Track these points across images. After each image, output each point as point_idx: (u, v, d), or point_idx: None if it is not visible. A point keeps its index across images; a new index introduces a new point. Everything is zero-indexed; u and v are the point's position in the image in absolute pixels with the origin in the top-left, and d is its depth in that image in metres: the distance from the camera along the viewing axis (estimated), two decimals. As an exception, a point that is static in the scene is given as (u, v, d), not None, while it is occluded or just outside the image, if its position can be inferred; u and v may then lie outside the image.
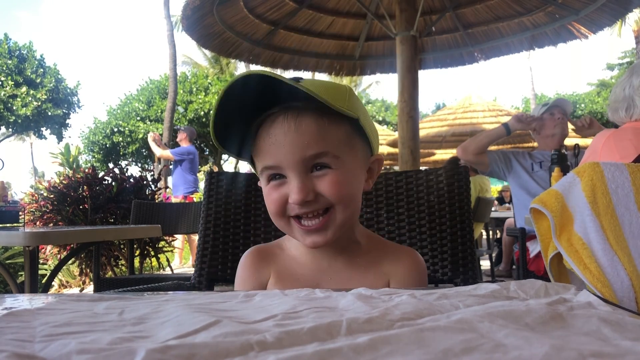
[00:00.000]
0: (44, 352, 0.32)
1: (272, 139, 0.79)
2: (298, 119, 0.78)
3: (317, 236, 0.81)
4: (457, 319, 0.38)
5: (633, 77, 1.98)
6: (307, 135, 0.78)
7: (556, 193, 1.26)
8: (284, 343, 0.33)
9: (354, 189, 0.83)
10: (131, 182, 5.08)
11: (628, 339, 0.34)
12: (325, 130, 0.79)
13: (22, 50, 20.69)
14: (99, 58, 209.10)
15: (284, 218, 0.83)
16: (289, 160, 0.78)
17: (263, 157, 0.81)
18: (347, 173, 0.81)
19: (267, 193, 0.83)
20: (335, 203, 0.80)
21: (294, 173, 0.78)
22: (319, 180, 0.79)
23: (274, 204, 0.82)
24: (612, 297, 1.09)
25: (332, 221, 0.81)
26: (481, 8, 5.58)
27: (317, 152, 0.78)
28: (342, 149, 0.80)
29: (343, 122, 0.81)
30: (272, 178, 0.82)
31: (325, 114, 0.78)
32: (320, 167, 0.79)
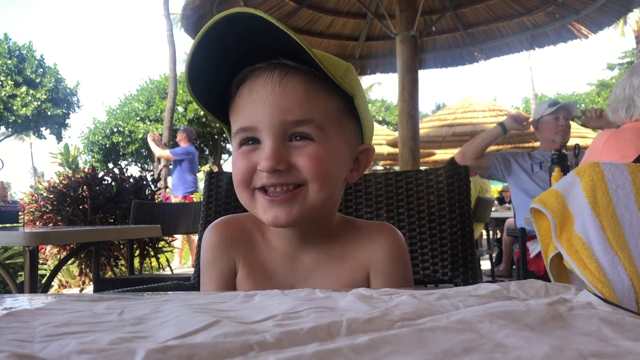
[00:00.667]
0: (43, 352, 0.32)
1: (253, 96, 0.70)
2: (285, 77, 0.70)
3: (280, 210, 0.71)
4: (457, 319, 0.38)
5: (633, 77, 1.98)
6: (292, 97, 0.69)
7: (556, 193, 1.26)
8: (283, 343, 0.33)
9: (334, 170, 0.74)
10: (131, 182, 5.08)
11: (628, 339, 0.34)
12: (314, 96, 0.70)
13: (22, 50, 20.70)
14: (98, 58, 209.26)
15: (248, 189, 0.73)
16: (267, 122, 0.69)
17: (239, 117, 0.73)
18: (330, 150, 0.72)
19: (236, 159, 0.74)
20: (309, 180, 0.70)
21: (269, 137, 0.69)
22: (297, 151, 0.70)
23: (240, 171, 0.72)
24: (612, 297, 1.09)
25: (301, 198, 0.71)
26: (481, 8, 5.58)
27: (300, 118, 0.69)
28: (329, 122, 0.72)
29: (335, 96, 0.73)
30: (245, 142, 0.73)
31: (317, 79, 0.70)
32: (300, 138, 0.70)
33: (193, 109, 19.95)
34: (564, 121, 3.17)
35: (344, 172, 0.77)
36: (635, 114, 1.94)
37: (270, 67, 0.71)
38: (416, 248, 1.23)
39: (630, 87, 1.96)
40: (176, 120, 18.51)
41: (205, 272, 0.84)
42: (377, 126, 13.54)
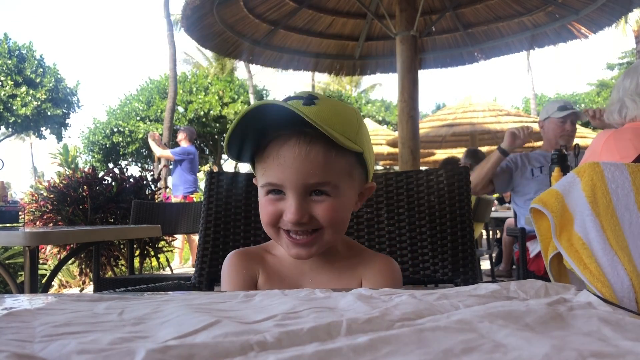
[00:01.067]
0: (43, 352, 0.32)
1: (281, 160, 0.83)
2: (309, 146, 0.83)
3: (302, 249, 0.87)
4: (457, 319, 0.38)
5: (625, 79, 2.00)
6: (314, 164, 0.82)
7: (556, 193, 1.26)
8: (283, 343, 0.33)
9: (346, 215, 0.90)
10: (131, 182, 5.08)
11: (628, 339, 0.34)
12: (332, 161, 0.84)
13: (22, 50, 20.70)
14: (98, 58, 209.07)
15: (274, 228, 0.88)
16: (292, 183, 0.83)
17: (268, 174, 0.86)
18: (343, 201, 0.87)
19: (264, 204, 0.88)
20: (325, 226, 0.86)
21: (294, 194, 0.84)
22: (316, 205, 0.85)
23: (269, 216, 0.87)
24: (612, 297, 1.09)
25: (319, 240, 0.87)
26: (481, 8, 5.58)
27: (320, 181, 0.83)
28: (342, 178, 0.86)
29: (348, 154, 0.86)
30: (271, 192, 0.87)
31: (334, 144, 0.82)
32: (319, 193, 0.85)
33: (193, 109, 19.96)
34: (570, 126, 3.17)
35: (351, 210, 0.92)
36: (628, 115, 1.96)
37: (295, 134, 0.83)
38: (416, 248, 1.23)
39: (622, 89, 1.98)
40: (176, 120, 18.53)
41: (227, 281, 0.98)
42: (377, 126, 13.55)
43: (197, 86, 20.76)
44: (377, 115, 27.48)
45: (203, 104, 20.01)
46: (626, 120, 1.98)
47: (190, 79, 21.37)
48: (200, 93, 20.49)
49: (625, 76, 2.03)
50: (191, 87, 20.72)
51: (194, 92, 20.59)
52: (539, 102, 30.53)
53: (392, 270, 0.97)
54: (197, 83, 20.96)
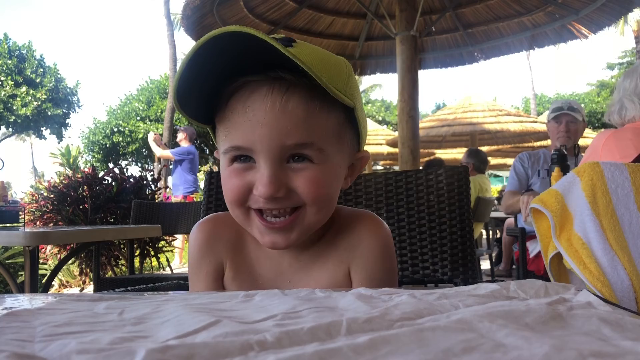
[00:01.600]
0: (44, 352, 0.32)
1: (249, 115, 0.65)
2: (285, 96, 0.64)
3: (278, 236, 0.70)
4: (457, 318, 0.38)
5: (625, 80, 2.02)
6: (292, 119, 0.64)
7: (556, 193, 1.26)
8: (283, 343, 0.33)
9: (333, 190, 0.72)
10: (131, 182, 5.08)
11: (628, 339, 0.34)
12: (315, 116, 0.66)
13: (22, 50, 20.70)
14: (98, 58, 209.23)
15: (242, 207, 0.70)
16: (264, 145, 0.65)
17: (232, 135, 0.67)
18: (330, 170, 0.70)
19: (228, 176, 0.69)
20: (308, 203, 0.68)
21: (266, 161, 0.65)
22: (296, 175, 0.67)
23: (234, 192, 0.69)
24: (612, 296, 1.09)
25: (299, 222, 0.69)
26: (481, 8, 5.58)
27: (301, 141, 0.65)
28: (329, 140, 0.69)
29: (336, 109, 0.69)
30: (237, 159, 0.69)
31: (318, 94, 0.65)
32: (299, 159, 0.67)
33: (193, 108, 19.90)
34: (564, 126, 3.17)
35: (340, 185, 0.75)
36: (627, 115, 1.97)
37: (268, 81, 0.65)
38: (416, 248, 1.23)
39: (622, 90, 2.00)
40: (176, 120, 18.51)
41: (193, 272, 0.82)
42: (377, 126, 13.54)
43: (197, 86, 20.73)
44: (377, 115, 27.49)
45: (203, 104, 19.98)
46: (626, 120, 1.99)
47: (190, 79, 21.35)
48: (200, 93, 20.47)
49: (625, 77, 2.05)
50: (191, 87, 20.70)
51: (194, 92, 20.57)
52: (539, 102, 30.53)
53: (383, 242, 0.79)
54: (197, 83, 20.93)
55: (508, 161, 13.20)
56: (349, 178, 0.78)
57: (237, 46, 0.62)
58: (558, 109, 3.23)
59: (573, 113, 3.19)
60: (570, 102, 3.31)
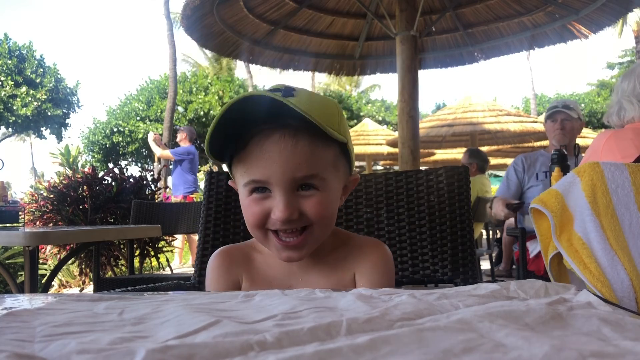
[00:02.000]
0: (43, 352, 0.32)
1: (266, 155, 0.79)
2: (295, 138, 0.79)
3: (293, 252, 0.84)
4: (457, 319, 0.38)
5: (623, 82, 2.03)
6: (301, 156, 0.79)
7: (556, 193, 1.26)
8: (283, 343, 0.33)
9: (334, 209, 0.87)
10: (131, 182, 5.08)
11: (628, 339, 0.34)
12: (318, 152, 0.81)
13: (22, 50, 20.70)
14: (98, 58, 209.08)
15: (262, 230, 0.84)
16: (279, 178, 0.79)
17: (251, 171, 0.81)
18: (330, 195, 0.84)
19: (248, 205, 0.84)
20: (315, 222, 0.82)
21: (281, 190, 0.80)
22: (305, 200, 0.81)
23: (255, 217, 0.83)
24: (612, 297, 1.09)
25: (309, 239, 0.84)
26: (481, 8, 5.58)
27: (308, 174, 0.80)
28: (329, 170, 0.83)
29: (332, 145, 0.83)
30: (255, 190, 0.83)
31: (319, 135, 0.79)
32: (306, 187, 0.81)
33: (193, 109, 19.95)
34: (559, 124, 3.17)
35: (338, 204, 0.89)
36: (626, 116, 1.98)
37: (279, 128, 0.80)
38: (416, 248, 1.23)
39: (620, 91, 2.01)
40: (176, 120, 18.53)
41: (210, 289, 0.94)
42: (377, 126, 13.53)
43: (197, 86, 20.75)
44: (377, 115, 27.48)
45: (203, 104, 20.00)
46: (625, 121, 1.99)
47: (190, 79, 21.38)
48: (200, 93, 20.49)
49: (623, 79, 2.05)
50: (191, 87, 20.71)
51: (194, 92, 20.59)
52: (539, 102, 30.52)
53: (385, 260, 0.94)
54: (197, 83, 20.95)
55: (508, 161, 13.18)
56: (343, 197, 0.92)
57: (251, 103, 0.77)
58: (553, 108, 3.25)
59: (568, 111, 3.20)
60: (565, 101, 3.32)
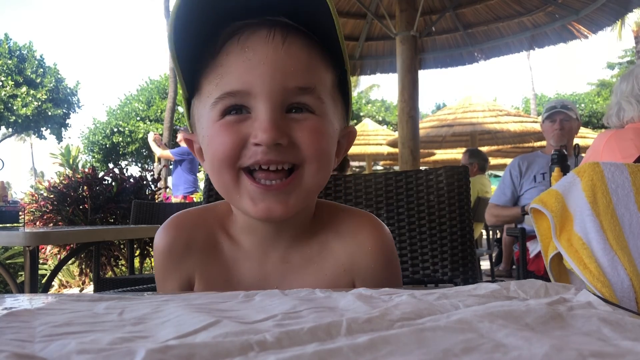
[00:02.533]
0: (43, 352, 0.32)
1: (248, 54, 0.59)
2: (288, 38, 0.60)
3: (274, 201, 0.61)
4: (457, 319, 0.38)
5: (622, 83, 2.04)
6: (295, 61, 0.59)
7: (556, 193, 1.26)
8: (283, 343, 0.33)
9: (331, 149, 0.65)
10: (131, 182, 5.08)
11: (628, 339, 0.34)
12: (316, 64, 0.62)
13: (22, 50, 20.71)
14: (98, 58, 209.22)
15: (232, 170, 0.61)
16: (265, 85, 0.58)
17: (226, 79, 0.60)
18: (328, 125, 0.64)
19: (217, 131, 0.61)
20: (308, 160, 0.61)
21: (267, 104, 0.58)
22: (297, 125, 0.60)
23: (226, 147, 0.60)
24: (612, 297, 1.09)
25: (298, 184, 0.62)
26: (481, 8, 5.58)
27: (304, 85, 0.60)
28: (327, 93, 0.64)
29: (331, 68, 0.65)
30: (228, 111, 0.61)
31: (316, 47, 0.62)
32: (299, 110, 0.61)
33: (193, 109, 19.92)
34: (558, 125, 3.17)
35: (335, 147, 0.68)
36: (625, 117, 1.99)
37: (267, 24, 0.60)
38: (416, 248, 1.23)
39: (620, 93, 2.02)
40: (176, 120, 18.52)
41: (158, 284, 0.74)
42: (377, 126, 13.55)
43: (197, 86, 20.75)
44: (377, 115, 27.49)
45: (203, 104, 19.99)
46: (624, 122, 2.00)
47: (190, 79, 21.37)
48: (200, 93, 20.49)
49: (622, 80, 2.06)
50: (191, 87, 20.71)
51: (194, 92, 20.59)
52: (539, 102, 30.53)
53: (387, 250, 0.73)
54: (197, 83, 20.95)
55: (508, 161, 13.17)
56: (335, 157, 0.69)
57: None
58: (551, 108, 3.25)
59: (566, 111, 3.20)
60: (563, 101, 3.31)
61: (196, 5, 0.58)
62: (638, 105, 1.94)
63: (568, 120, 3.18)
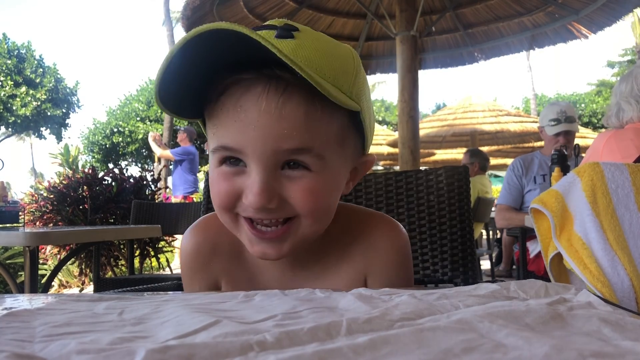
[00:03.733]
0: (43, 352, 0.32)
1: (241, 115, 0.58)
2: (283, 97, 0.57)
3: (269, 246, 0.63)
4: (457, 319, 0.38)
5: (622, 84, 2.04)
6: (289, 123, 0.57)
7: (556, 193, 1.26)
8: (283, 343, 0.33)
9: (332, 200, 0.66)
10: (131, 182, 5.08)
11: (628, 339, 0.34)
12: (316, 120, 0.59)
13: (21, 50, 20.71)
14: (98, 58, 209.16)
15: (230, 213, 0.64)
16: (257, 149, 0.58)
17: (221, 133, 0.60)
18: (329, 179, 0.63)
19: (216, 179, 0.63)
20: (302, 215, 0.62)
21: (258, 166, 0.59)
22: (290, 183, 0.60)
23: (222, 198, 0.62)
24: (612, 297, 1.09)
25: (292, 233, 0.63)
26: (481, 8, 5.58)
27: (298, 147, 0.59)
28: (330, 146, 0.62)
29: (339, 112, 0.61)
30: (226, 161, 0.62)
31: (320, 96, 0.57)
32: (295, 165, 0.60)
33: (193, 109, 19.90)
34: (563, 139, 3.12)
35: (340, 193, 0.68)
36: (625, 117, 1.99)
37: (263, 79, 0.58)
38: (416, 248, 1.23)
39: (619, 93, 2.02)
40: (176, 120, 18.53)
41: (185, 285, 0.76)
42: (377, 126, 13.55)
43: (197, 86, 20.74)
44: (377, 115, 27.52)
45: (203, 104, 19.99)
46: (624, 122, 2.00)
47: (190, 79, 21.36)
48: (200, 93, 20.48)
49: (621, 81, 2.07)
50: (191, 87, 20.70)
51: (194, 92, 20.58)
52: (539, 102, 30.53)
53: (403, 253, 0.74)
54: (197, 83, 20.94)
55: (508, 161, 13.19)
56: (350, 182, 0.71)
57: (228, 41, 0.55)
58: (557, 121, 3.15)
59: (572, 126, 3.14)
60: (566, 110, 3.18)
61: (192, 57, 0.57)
62: (637, 105, 1.94)
63: (572, 132, 3.16)
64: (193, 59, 0.57)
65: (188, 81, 0.60)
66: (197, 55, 0.57)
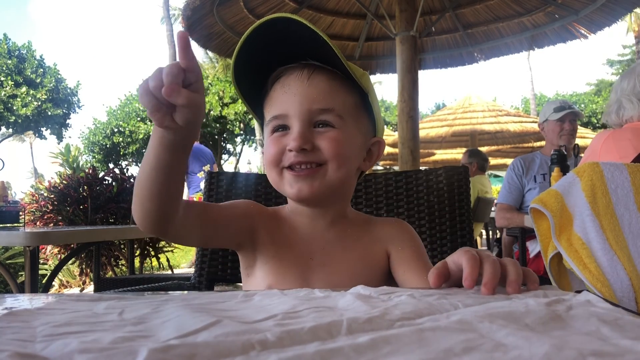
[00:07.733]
0: (45, 352, 0.32)
1: (285, 89, 0.85)
2: (313, 74, 0.85)
3: (304, 184, 0.83)
4: (457, 319, 0.38)
5: (623, 81, 2.03)
6: (317, 89, 0.83)
7: (556, 193, 1.27)
8: (285, 342, 0.33)
9: (350, 154, 0.87)
10: (131, 182, 5.08)
11: (627, 338, 0.34)
12: (335, 90, 0.85)
13: (22, 50, 20.70)
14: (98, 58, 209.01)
15: (277, 168, 0.85)
16: (296, 109, 0.83)
17: (273, 106, 0.86)
18: (347, 136, 0.85)
19: (269, 143, 0.86)
20: (329, 159, 0.83)
21: (297, 122, 0.82)
22: (320, 136, 0.83)
23: (272, 154, 0.85)
24: (611, 296, 1.09)
25: (322, 175, 0.84)
26: (481, 8, 5.58)
27: (324, 107, 0.83)
28: (347, 112, 0.85)
29: (352, 92, 0.87)
30: (276, 129, 0.86)
31: (337, 77, 0.85)
32: (323, 125, 0.84)
33: (193, 109, 19.89)
34: (569, 125, 3.11)
35: (358, 159, 0.89)
36: (625, 115, 1.98)
37: (300, 66, 0.86)
38: (416, 248, 1.23)
39: (620, 91, 2.01)
40: (176, 120, 18.49)
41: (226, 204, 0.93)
42: (377, 126, 13.50)
43: (197, 86, 20.73)
44: (377, 116, 27.46)
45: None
46: (623, 120, 1.99)
47: (190, 79, 21.35)
48: (200, 93, 20.48)
49: (622, 78, 2.06)
50: (191, 87, 20.69)
51: (194, 92, 20.57)
52: (538, 102, 30.52)
53: (414, 234, 0.96)
54: (197, 83, 20.93)
55: (508, 161, 13.18)
56: (367, 161, 0.92)
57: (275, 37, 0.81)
58: (562, 108, 3.16)
59: (575, 112, 3.15)
60: (566, 101, 3.27)
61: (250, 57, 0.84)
62: (639, 104, 1.94)
63: (575, 120, 3.16)
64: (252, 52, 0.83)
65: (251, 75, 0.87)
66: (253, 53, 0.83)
